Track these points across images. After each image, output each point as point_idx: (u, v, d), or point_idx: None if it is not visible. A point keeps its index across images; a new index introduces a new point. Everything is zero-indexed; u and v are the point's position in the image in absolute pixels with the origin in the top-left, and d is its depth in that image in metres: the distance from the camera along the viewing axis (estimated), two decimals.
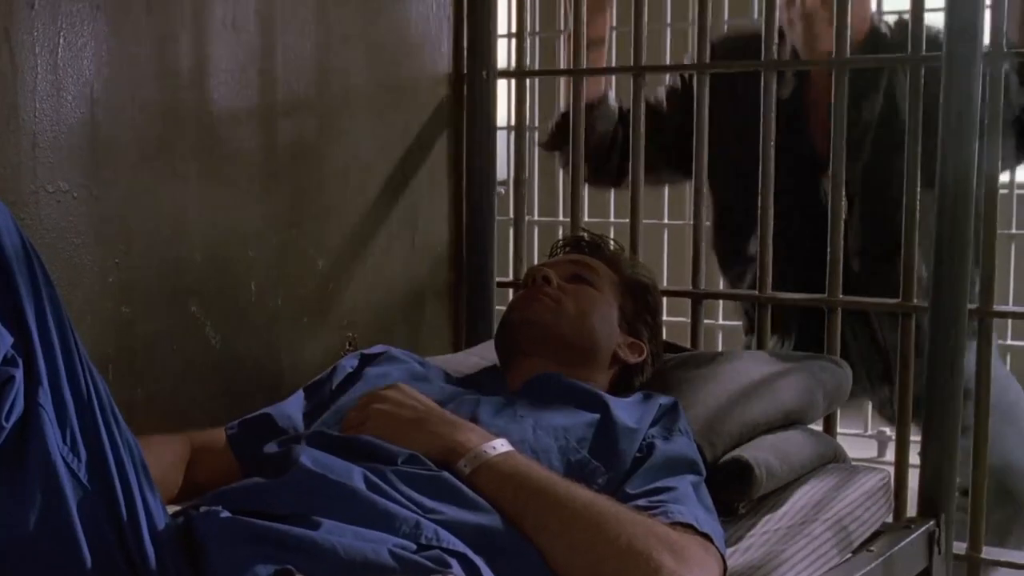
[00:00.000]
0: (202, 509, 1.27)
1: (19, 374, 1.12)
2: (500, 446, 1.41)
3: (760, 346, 2.12)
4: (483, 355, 2.02)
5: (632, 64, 2.21)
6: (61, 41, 1.64)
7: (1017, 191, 3.14)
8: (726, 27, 2.20)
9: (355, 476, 1.31)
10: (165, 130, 1.78)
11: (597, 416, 1.58)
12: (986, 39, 1.86)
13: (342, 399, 1.65)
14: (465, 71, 2.27)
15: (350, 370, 1.73)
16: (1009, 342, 3.26)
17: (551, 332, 1.73)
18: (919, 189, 1.97)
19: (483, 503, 1.34)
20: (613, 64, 2.48)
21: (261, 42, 1.91)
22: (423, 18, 2.20)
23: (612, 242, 1.93)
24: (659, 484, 1.47)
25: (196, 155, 1.83)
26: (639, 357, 1.80)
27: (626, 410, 1.61)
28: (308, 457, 1.33)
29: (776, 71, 2.10)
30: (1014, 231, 3.18)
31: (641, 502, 1.42)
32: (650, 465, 1.52)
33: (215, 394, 1.88)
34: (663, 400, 1.66)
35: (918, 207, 1.98)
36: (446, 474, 1.36)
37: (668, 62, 2.86)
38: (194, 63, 1.81)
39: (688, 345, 2.16)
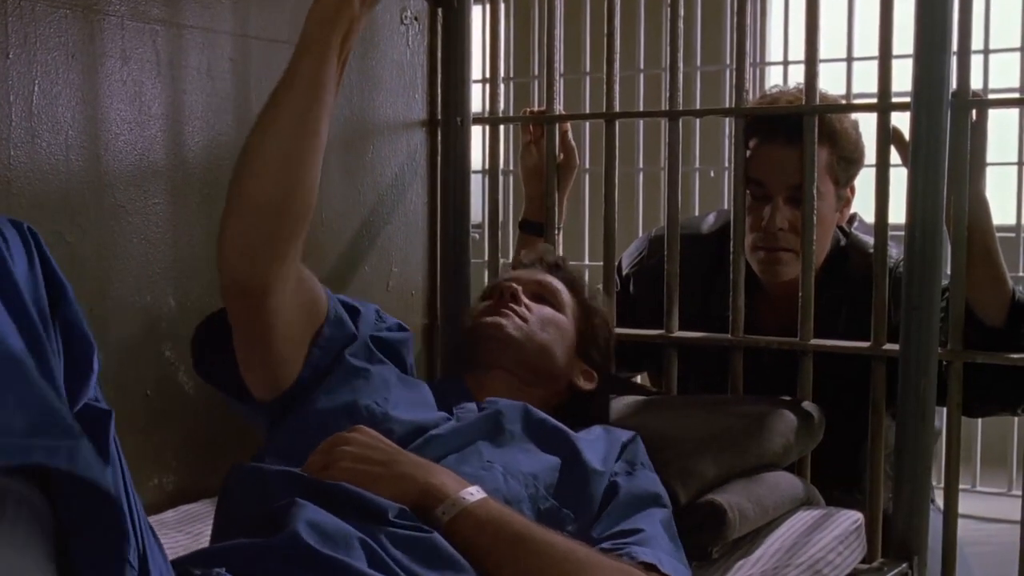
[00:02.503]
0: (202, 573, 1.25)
1: None
2: (476, 492, 1.40)
3: (734, 392, 2.12)
4: None
5: (605, 110, 2.24)
6: (36, 89, 1.65)
7: None
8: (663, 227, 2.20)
9: (353, 547, 1.28)
10: (140, 177, 1.79)
11: (564, 459, 1.58)
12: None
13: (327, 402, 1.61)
14: (440, 117, 2.29)
15: (369, 338, 1.69)
16: None
17: (517, 349, 1.75)
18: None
19: (470, 568, 1.33)
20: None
21: (235, 89, 1.92)
22: (398, 65, 2.22)
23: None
24: (625, 526, 1.49)
25: (171, 201, 1.83)
26: (591, 384, 1.82)
27: (591, 450, 1.61)
28: (305, 523, 1.29)
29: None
30: (1021, 273, 3.18)
31: (606, 545, 1.43)
32: (615, 506, 1.54)
33: (188, 440, 1.88)
34: (624, 436, 1.68)
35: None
36: (437, 537, 1.34)
37: (641, 108, 2.88)
38: (169, 110, 1.82)
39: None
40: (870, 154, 2.09)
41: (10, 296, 1.00)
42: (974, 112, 1.96)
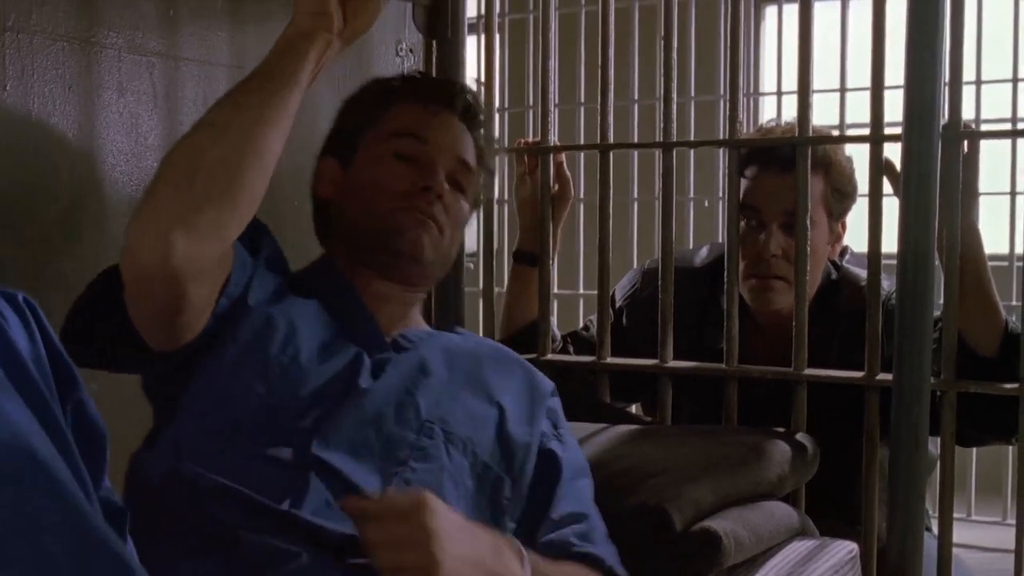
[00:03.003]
0: None
1: None
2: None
3: (728, 423, 2.13)
4: None
5: (599, 141, 2.25)
6: (33, 120, 1.66)
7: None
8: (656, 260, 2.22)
9: None
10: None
11: (495, 416, 1.61)
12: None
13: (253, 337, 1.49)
14: None
15: (249, 273, 1.53)
16: None
17: (429, 274, 1.67)
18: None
19: None
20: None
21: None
22: None
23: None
24: (572, 508, 1.59)
25: None
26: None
27: (516, 405, 1.65)
28: None
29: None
30: (1014, 302, 3.18)
31: (554, 537, 1.55)
32: (561, 484, 1.61)
33: None
34: (546, 387, 1.73)
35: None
36: None
37: (635, 139, 2.90)
38: (165, 141, 1.83)
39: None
40: (863, 184, 2.11)
41: (25, 385, 0.98)
42: (965, 143, 1.98)
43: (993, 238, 2.91)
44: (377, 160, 1.64)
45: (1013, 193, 2.29)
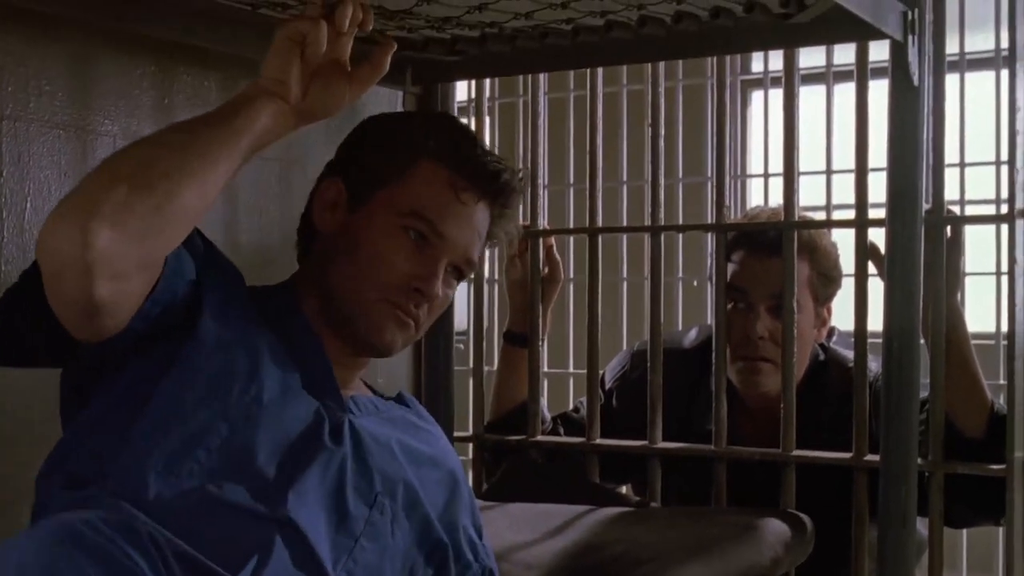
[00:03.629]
0: None
1: None
2: None
3: (717, 504, 2.14)
4: None
5: (588, 225, 2.28)
6: (28, 206, 1.68)
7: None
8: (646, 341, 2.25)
9: None
10: None
11: (442, 496, 1.59)
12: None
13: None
14: None
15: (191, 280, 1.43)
16: None
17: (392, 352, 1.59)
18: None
19: None
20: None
21: (224, 205, 1.95)
22: None
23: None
24: None
25: None
26: None
27: (467, 504, 1.63)
28: None
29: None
30: (1001, 381, 3.18)
31: None
32: None
33: None
34: (458, 471, 1.65)
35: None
36: None
37: (625, 219, 2.93)
38: None
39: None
40: (849, 266, 2.13)
41: None
42: (949, 228, 2.01)
43: (980, 317, 2.93)
44: (386, 230, 1.53)
45: (998, 274, 2.31)
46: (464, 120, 2.42)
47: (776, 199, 2.43)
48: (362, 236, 1.53)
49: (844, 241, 2.22)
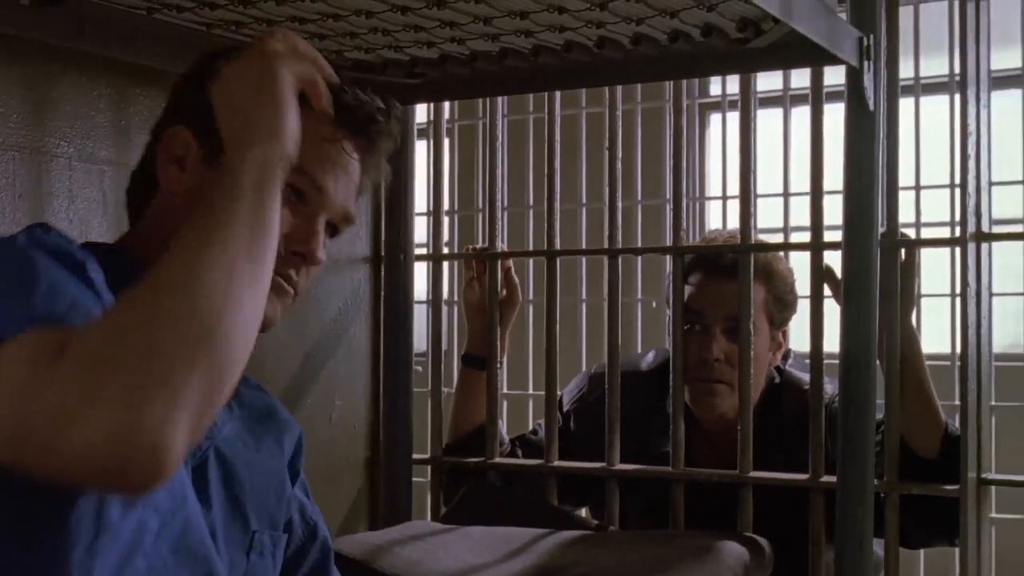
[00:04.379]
0: None
1: None
2: None
3: (675, 526, 2.14)
4: (404, 532, 2.02)
5: (546, 247, 2.28)
6: None
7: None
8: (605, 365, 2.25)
9: None
10: None
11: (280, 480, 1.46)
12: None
13: None
14: (383, 253, 2.32)
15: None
16: None
17: None
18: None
19: None
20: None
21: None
22: None
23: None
24: None
25: None
26: None
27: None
28: None
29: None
30: (957, 402, 3.20)
31: None
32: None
33: None
34: (293, 431, 1.52)
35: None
36: None
37: (584, 241, 2.94)
38: None
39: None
40: (805, 288, 2.15)
41: None
42: (903, 251, 2.03)
43: (936, 339, 2.96)
44: None
45: (953, 295, 2.34)
46: (423, 142, 2.44)
47: (734, 221, 2.44)
48: None
49: (800, 263, 2.24)
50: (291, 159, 1.23)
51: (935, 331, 2.94)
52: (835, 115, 1.97)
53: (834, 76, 2.01)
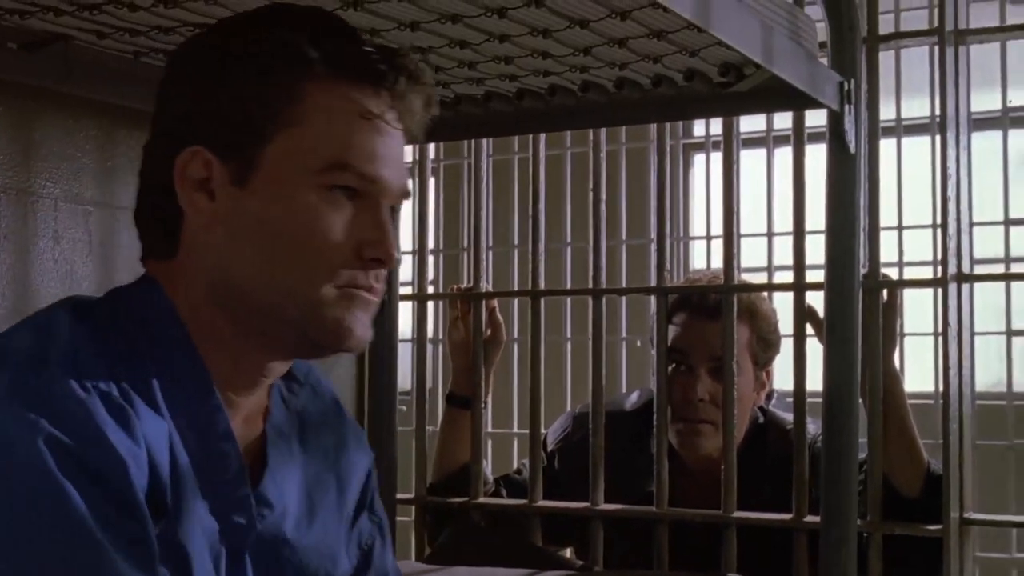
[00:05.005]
0: None
1: None
2: None
3: (659, 566, 2.14)
4: None
5: (531, 287, 2.29)
6: None
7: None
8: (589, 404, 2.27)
9: None
10: None
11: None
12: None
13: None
14: None
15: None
16: None
17: None
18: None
19: None
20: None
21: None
22: None
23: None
24: None
25: None
26: None
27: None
28: None
29: None
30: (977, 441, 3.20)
31: None
32: None
33: None
34: (363, 461, 1.36)
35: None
36: None
37: (569, 280, 2.95)
38: (100, 288, 1.84)
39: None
40: (788, 328, 2.16)
41: None
42: (885, 291, 2.05)
43: (920, 377, 2.97)
44: (307, 199, 1.13)
45: (936, 335, 2.35)
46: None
47: (719, 261, 2.46)
48: (274, 217, 1.13)
49: (783, 303, 2.25)
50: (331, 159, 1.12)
51: (919, 370, 2.96)
52: (818, 156, 1.99)
53: (817, 117, 2.03)
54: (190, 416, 1.12)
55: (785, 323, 2.23)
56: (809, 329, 2.09)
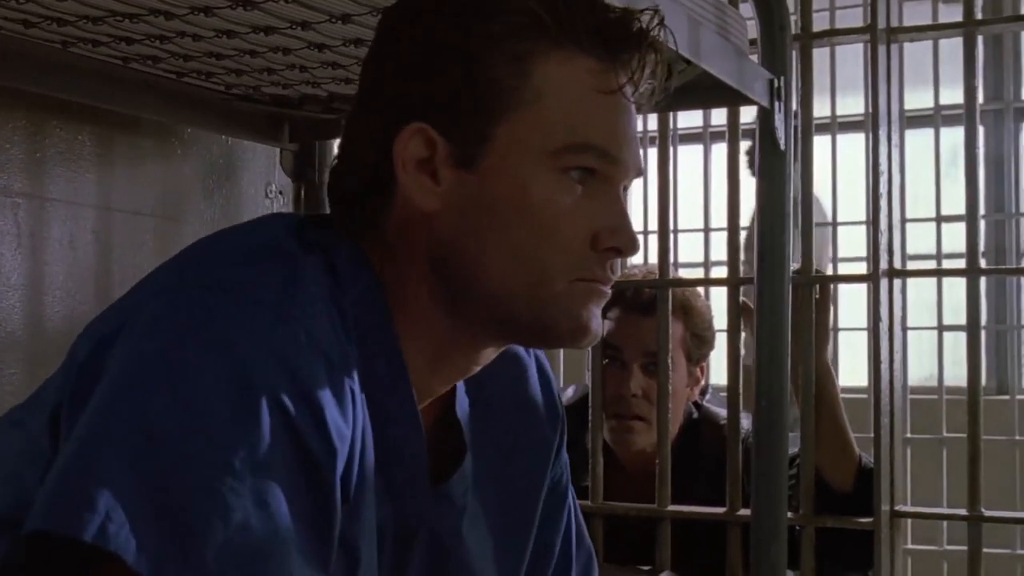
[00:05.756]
0: None
1: None
2: None
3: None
4: None
5: None
6: None
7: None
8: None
9: None
10: None
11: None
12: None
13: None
14: None
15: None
16: None
17: None
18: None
19: None
20: None
21: (97, 261, 1.93)
22: None
23: None
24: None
25: (28, 372, 1.83)
26: None
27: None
28: None
29: None
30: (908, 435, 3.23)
31: None
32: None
33: None
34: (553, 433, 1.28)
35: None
36: None
37: None
38: (29, 281, 1.83)
39: None
40: (722, 322, 2.18)
41: None
42: (818, 287, 2.07)
43: (853, 371, 3.00)
44: (546, 182, 1.02)
45: (869, 329, 2.38)
46: None
47: (655, 256, 2.47)
48: (507, 203, 1.03)
49: (718, 298, 2.26)
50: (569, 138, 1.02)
51: (854, 365, 2.99)
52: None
53: (752, 114, 2.05)
54: (381, 403, 1.03)
55: (720, 318, 2.24)
56: (744, 324, 2.11)
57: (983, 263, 2.11)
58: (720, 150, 2.72)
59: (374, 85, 1.08)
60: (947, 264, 2.47)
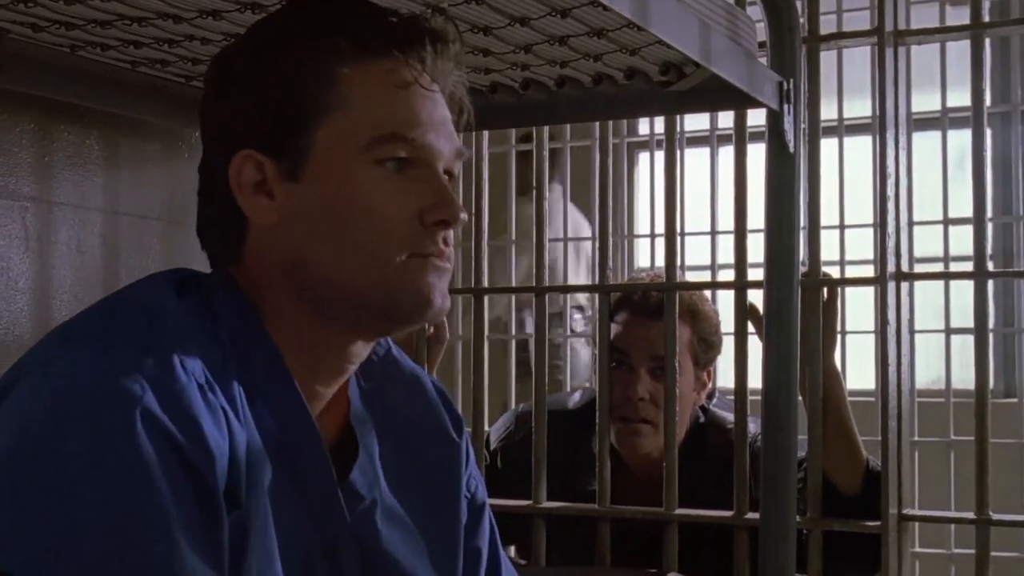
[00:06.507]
0: None
1: None
2: None
3: (601, 564, 2.15)
4: None
5: (474, 285, 2.29)
6: None
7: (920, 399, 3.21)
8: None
9: None
10: (5, 350, 1.78)
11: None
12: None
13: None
14: None
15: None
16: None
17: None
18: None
19: None
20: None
21: (105, 264, 1.93)
22: None
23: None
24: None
25: None
26: None
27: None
28: None
29: None
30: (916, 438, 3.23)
31: None
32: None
33: None
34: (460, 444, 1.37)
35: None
36: None
37: (514, 277, 2.95)
38: (37, 284, 1.83)
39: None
40: (729, 326, 2.17)
41: None
42: (825, 290, 2.06)
43: (861, 374, 2.99)
44: (363, 178, 1.14)
45: (877, 332, 2.37)
46: None
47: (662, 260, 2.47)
48: (333, 202, 1.15)
49: (726, 301, 2.26)
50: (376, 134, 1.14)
51: (860, 368, 2.98)
52: (761, 155, 2.00)
53: (759, 116, 2.05)
54: (274, 411, 1.14)
55: (727, 321, 2.24)
56: (751, 327, 2.10)
57: (990, 266, 2.11)
58: (727, 153, 2.72)
59: (209, 125, 1.22)
60: (954, 267, 2.46)
